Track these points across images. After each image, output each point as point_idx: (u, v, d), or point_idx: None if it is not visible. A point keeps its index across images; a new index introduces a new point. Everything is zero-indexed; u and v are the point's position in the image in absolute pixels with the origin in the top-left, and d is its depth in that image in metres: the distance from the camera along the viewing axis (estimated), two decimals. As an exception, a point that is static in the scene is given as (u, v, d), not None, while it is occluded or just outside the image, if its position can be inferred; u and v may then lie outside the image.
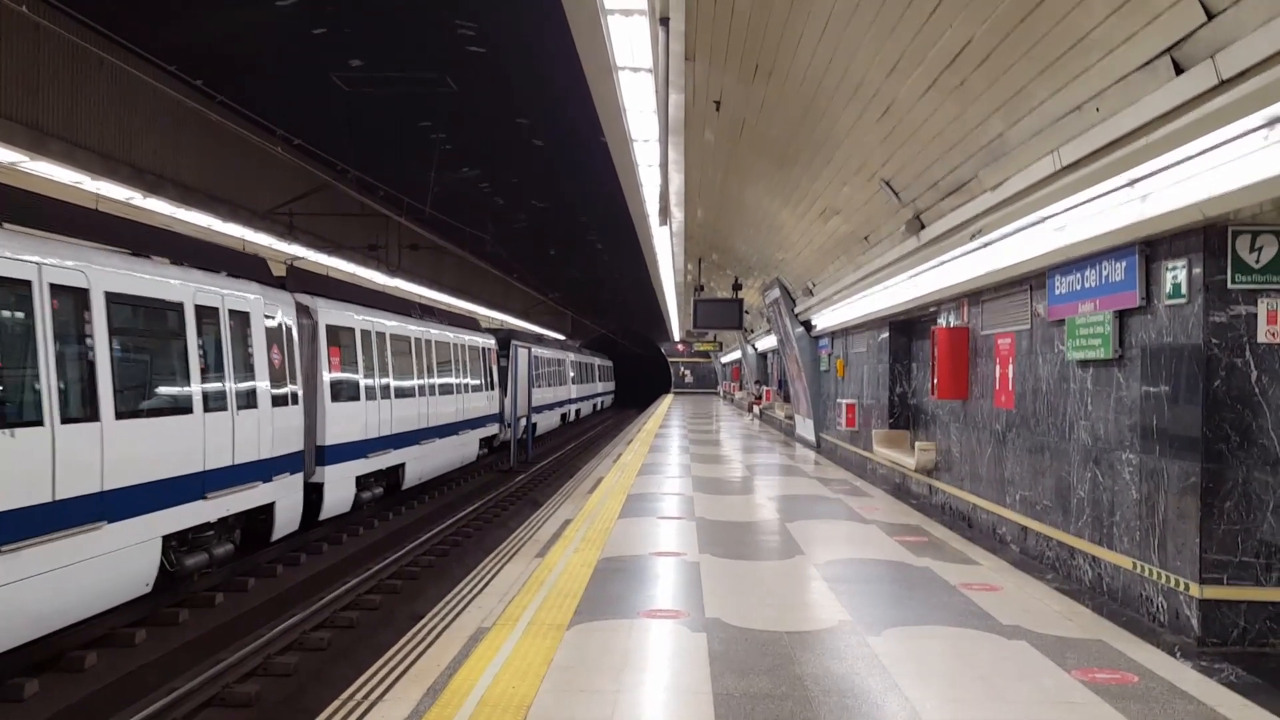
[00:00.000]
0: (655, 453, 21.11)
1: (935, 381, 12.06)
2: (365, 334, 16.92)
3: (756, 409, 38.07)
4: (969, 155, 8.87)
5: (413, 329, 19.82)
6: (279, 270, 15.00)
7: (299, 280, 15.79)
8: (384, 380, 17.65)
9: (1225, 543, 6.69)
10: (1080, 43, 6.29)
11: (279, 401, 13.16)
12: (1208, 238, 6.68)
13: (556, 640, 6.47)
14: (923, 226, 10.93)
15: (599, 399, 59.59)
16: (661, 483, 15.38)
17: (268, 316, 13.08)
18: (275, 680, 8.87)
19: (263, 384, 12.72)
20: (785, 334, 24.17)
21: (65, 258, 9.03)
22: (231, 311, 12.06)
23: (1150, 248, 7.34)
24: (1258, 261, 6.63)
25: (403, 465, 18.68)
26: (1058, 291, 8.89)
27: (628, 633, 6.71)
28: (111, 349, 9.57)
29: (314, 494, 14.68)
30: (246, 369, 12.33)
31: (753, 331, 37.07)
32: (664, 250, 22.39)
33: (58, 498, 8.48)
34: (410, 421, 18.96)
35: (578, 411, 47.96)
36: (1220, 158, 5.74)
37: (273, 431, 12.86)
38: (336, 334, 15.65)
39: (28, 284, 8.43)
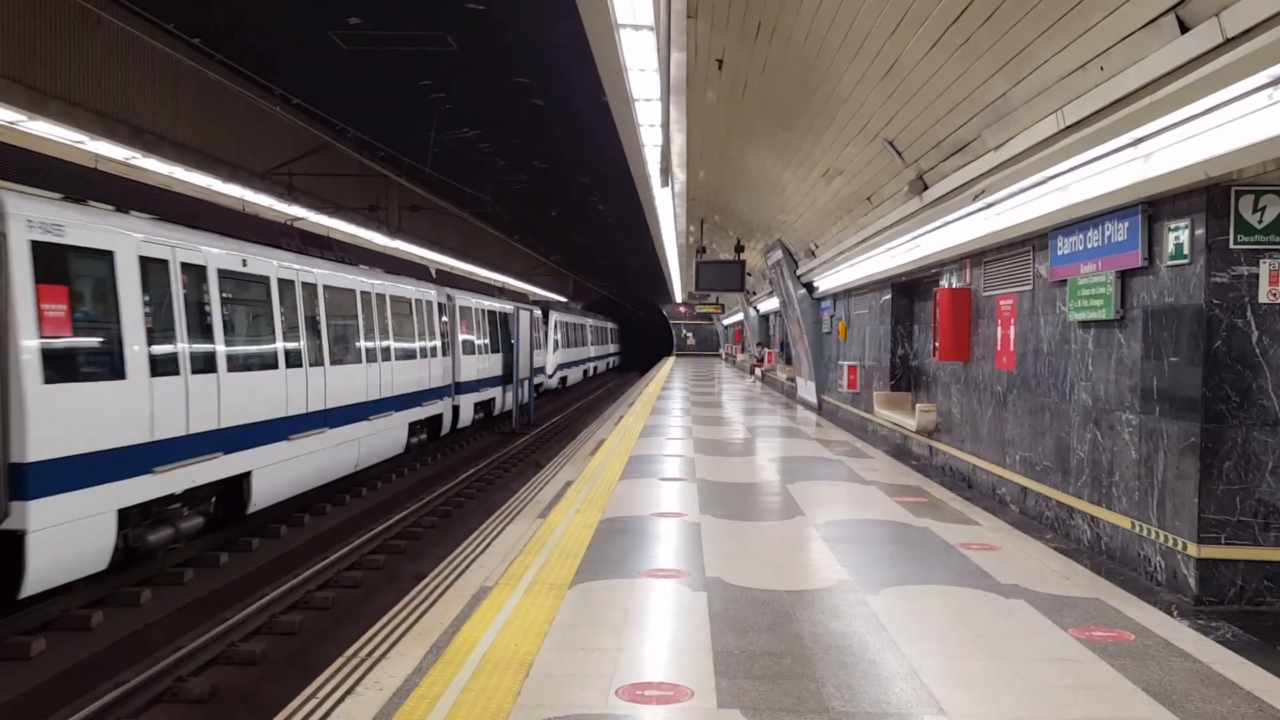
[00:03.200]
0: (657, 415, 21.17)
1: (937, 343, 12.06)
2: (476, 311, 25.12)
3: (758, 371, 38.10)
4: (972, 115, 8.81)
5: (494, 306, 27.34)
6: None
7: (442, 278, 25.94)
8: (484, 340, 25.55)
9: (1224, 502, 6.72)
10: (1085, 0, 6.22)
11: (445, 353, 21.79)
12: (1210, 198, 6.65)
13: (558, 599, 6.53)
14: (925, 187, 10.88)
15: (610, 359, 66.78)
16: (663, 445, 15.43)
17: (439, 304, 21.70)
18: (280, 639, 8.96)
19: (440, 343, 21.32)
20: (787, 296, 24.13)
21: (375, 278, 17.59)
22: (427, 302, 20.68)
23: (1153, 208, 7.31)
24: (1260, 222, 6.61)
25: (493, 399, 26.50)
26: (1060, 252, 8.87)
27: (629, 592, 6.77)
28: (390, 326, 17.96)
29: (453, 413, 22.61)
30: (433, 334, 20.85)
31: (755, 294, 37.01)
32: (666, 212, 22.30)
33: (381, 397, 17.14)
34: (497, 369, 26.75)
35: (595, 368, 56.53)
36: (1224, 117, 5.70)
37: (443, 371, 21.51)
38: (464, 312, 23.78)
39: (363, 293, 16.71)
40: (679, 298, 62.03)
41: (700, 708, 4.74)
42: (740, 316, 48.82)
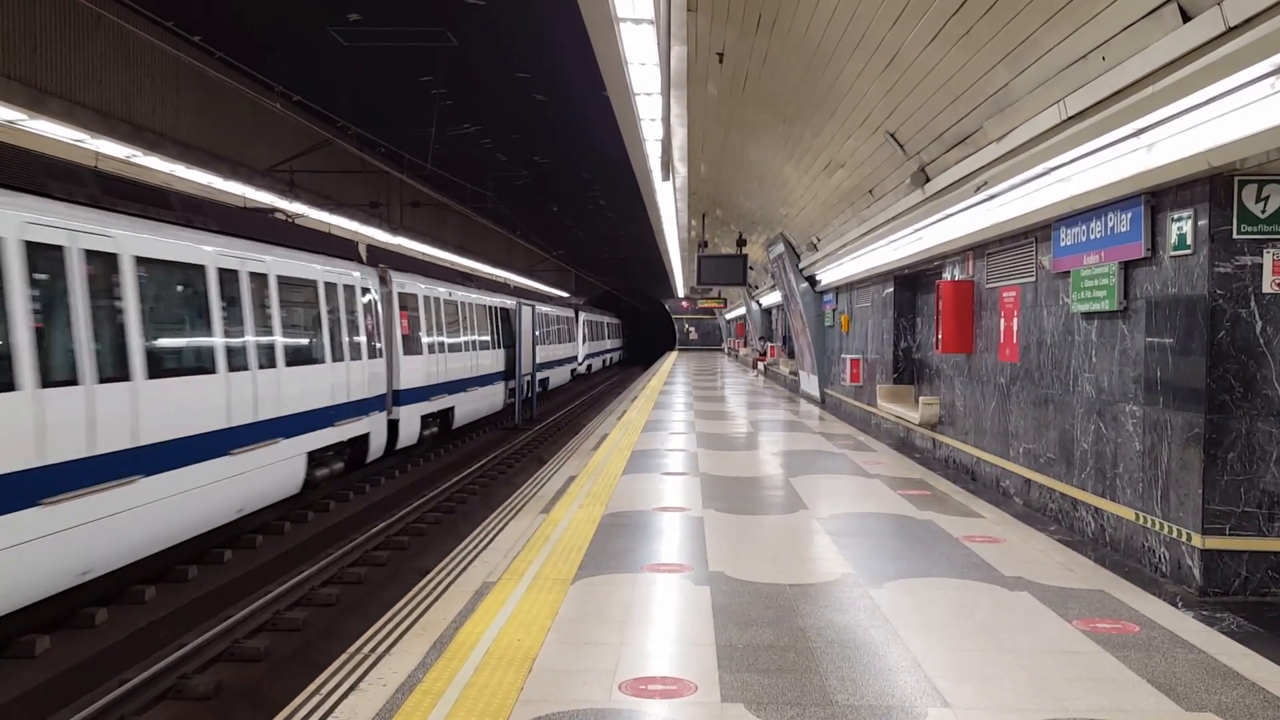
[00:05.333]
0: (660, 409, 21.16)
1: (940, 336, 12.04)
2: (535, 312, 33.06)
3: (761, 365, 38.07)
4: (974, 106, 8.78)
5: (546, 309, 36.57)
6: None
7: (516, 293, 33.84)
8: (535, 336, 33.23)
9: (1228, 493, 6.70)
10: (1087, -11, 6.20)
11: (501, 344, 27.87)
12: (1214, 188, 6.62)
13: (561, 594, 6.52)
14: (927, 179, 10.86)
15: (620, 351, 74.65)
16: (666, 439, 15.43)
17: (518, 311, 29.50)
18: (284, 635, 8.97)
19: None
20: (789, 290, 24.11)
21: (488, 296, 26.35)
22: (511, 309, 28.52)
23: (1156, 198, 7.29)
24: (1264, 211, 6.58)
25: (548, 378, 35.71)
26: (1063, 243, 8.84)
27: (631, 586, 6.76)
28: (500, 327, 26.80)
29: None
30: (513, 332, 28.50)
31: (757, 287, 36.97)
32: (667, 206, 22.29)
33: (497, 371, 26.08)
34: (545, 355, 35.03)
35: (611, 359, 66.71)
36: (1227, 106, 5.67)
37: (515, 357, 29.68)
38: (517, 316, 30.34)
39: (488, 307, 25.85)
40: (681, 292, 62.04)
41: (704, 702, 4.73)
42: (743, 311, 48.79)
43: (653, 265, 57.38)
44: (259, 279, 12.38)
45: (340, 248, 16.93)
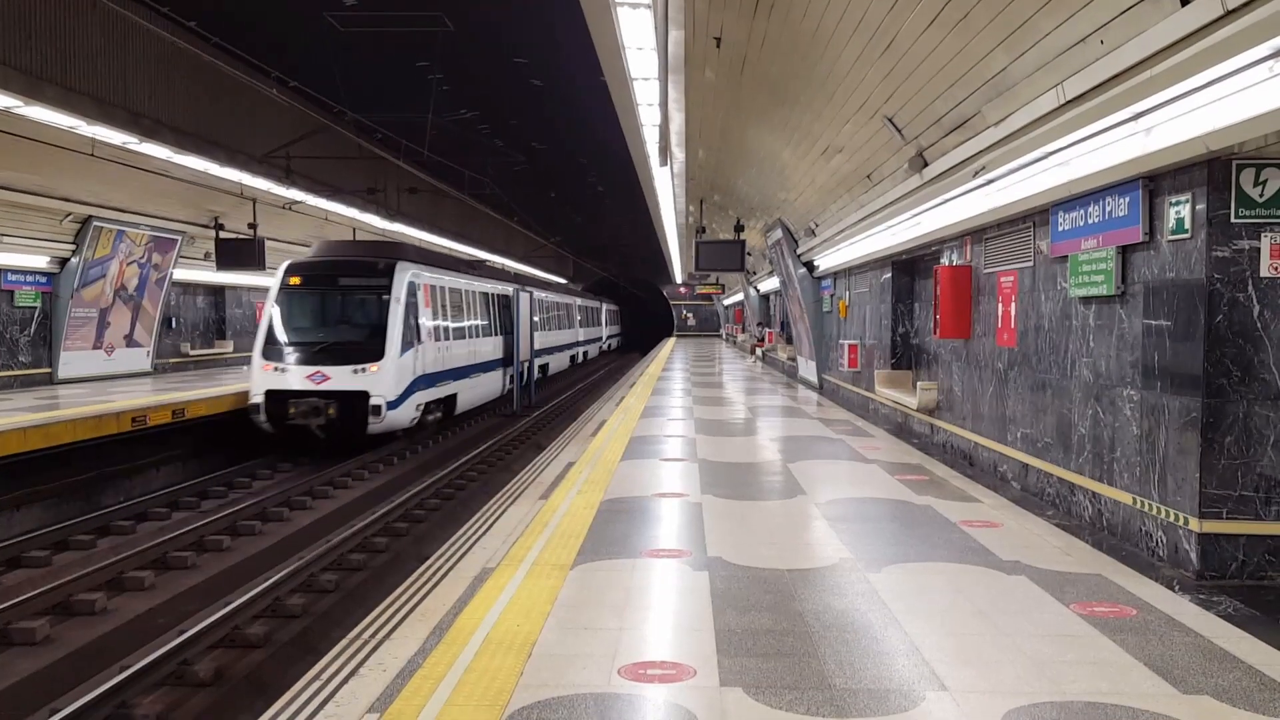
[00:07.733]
0: (658, 395, 21.17)
1: (938, 321, 12.04)
2: (582, 305, 49.47)
3: (759, 351, 38.07)
4: (972, 90, 8.75)
5: (587, 301, 51.66)
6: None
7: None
8: (578, 322, 47.67)
9: (1225, 477, 6.72)
10: (1085, -27, 6.17)
11: (565, 326, 43.18)
12: (1211, 172, 6.62)
13: (560, 580, 6.54)
14: (925, 164, 10.84)
15: (623, 335, 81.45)
16: (664, 425, 15.44)
17: (586, 305, 52.01)
18: (284, 621, 9.00)
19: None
20: (787, 275, 24.09)
21: (581, 298, 51.64)
22: (579, 304, 48.68)
23: (1154, 182, 7.28)
24: (1261, 195, 6.58)
25: (587, 350, 50.01)
26: (1060, 228, 8.84)
27: (630, 572, 6.78)
28: (581, 317, 49.02)
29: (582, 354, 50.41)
30: (578, 319, 47.44)
31: (755, 273, 36.94)
32: (665, 192, 22.21)
33: (577, 339, 47.80)
34: (586, 335, 49.65)
35: (618, 341, 75.90)
36: (1225, 90, 5.66)
37: (582, 333, 50.08)
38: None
39: (576, 305, 48.83)
40: (679, 278, 62.00)
41: (703, 686, 4.75)
42: (740, 296, 48.75)
43: (651, 251, 57.30)
44: (488, 295, 25.83)
45: (502, 273, 31.74)
